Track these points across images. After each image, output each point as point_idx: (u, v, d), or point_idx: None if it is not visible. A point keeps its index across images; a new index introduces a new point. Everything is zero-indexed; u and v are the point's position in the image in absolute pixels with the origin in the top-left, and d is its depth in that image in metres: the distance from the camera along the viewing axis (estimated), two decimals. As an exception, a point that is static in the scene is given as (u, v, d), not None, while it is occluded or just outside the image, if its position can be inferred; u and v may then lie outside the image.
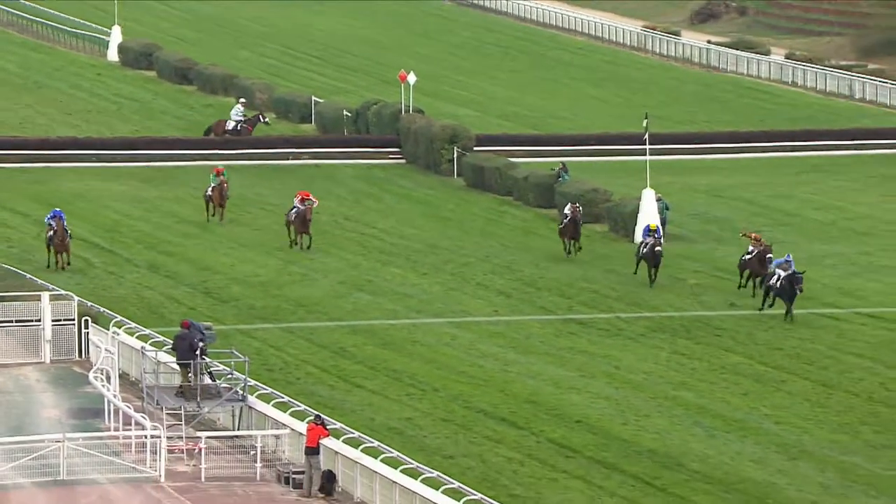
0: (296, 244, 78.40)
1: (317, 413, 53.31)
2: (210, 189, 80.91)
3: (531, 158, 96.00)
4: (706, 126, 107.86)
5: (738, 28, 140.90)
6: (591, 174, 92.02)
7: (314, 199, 78.18)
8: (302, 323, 68.74)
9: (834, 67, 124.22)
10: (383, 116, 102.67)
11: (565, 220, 77.77)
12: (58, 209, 74.44)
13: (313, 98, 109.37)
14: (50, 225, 72.76)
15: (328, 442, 51.73)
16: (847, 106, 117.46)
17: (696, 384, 61.28)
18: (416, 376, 61.69)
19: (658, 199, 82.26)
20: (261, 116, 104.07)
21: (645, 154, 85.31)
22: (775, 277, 67.40)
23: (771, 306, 67.80)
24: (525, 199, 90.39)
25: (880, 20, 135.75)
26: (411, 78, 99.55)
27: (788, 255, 68.28)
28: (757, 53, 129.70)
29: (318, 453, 51.45)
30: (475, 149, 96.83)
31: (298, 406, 54.80)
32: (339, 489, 51.36)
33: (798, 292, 67.09)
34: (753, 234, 72.39)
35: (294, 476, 52.01)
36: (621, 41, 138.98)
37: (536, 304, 71.51)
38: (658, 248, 70.94)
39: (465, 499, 46.96)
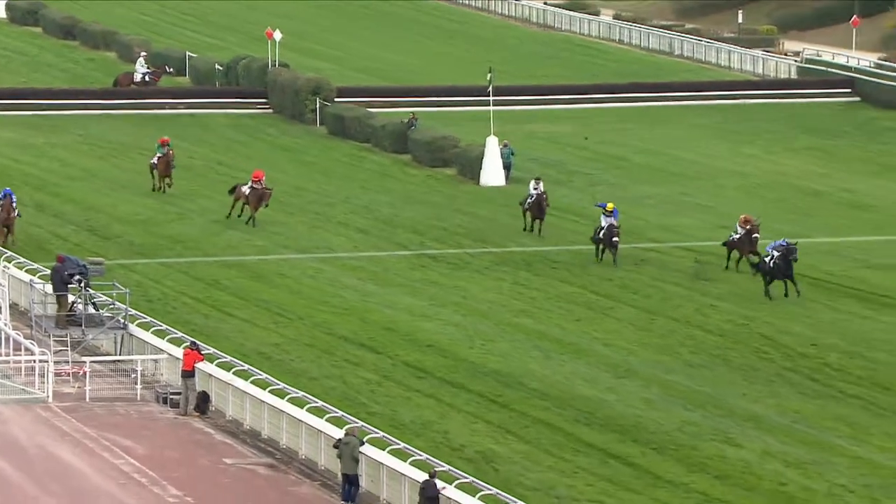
0: (160, 188, 78.37)
1: (192, 340, 53.52)
2: (156, 158, 77.20)
3: (387, 108, 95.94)
4: (544, 80, 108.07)
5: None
6: (441, 123, 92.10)
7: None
8: (179, 258, 68.67)
9: (656, 27, 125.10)
10: (252, 70, 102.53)
11: (530, 201, 72.31)
12: (8, 188, 69.05)
13: (188, 53, 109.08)
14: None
15: (202, 366, 51.92)
16: (668, 62, 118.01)
17: (535, 312, 61.70)
18: (283, 306, 61.93)
19: (504, 146, 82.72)
20: (166, 67, 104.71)
21: (489, 105, 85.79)
22: (769, 258, 62.49)
23: (767, 289, 62.70)
24: (381, 145, 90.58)
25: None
26: (277, 35, 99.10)
27: (785, 240, 63.00)
28: (588, 14, 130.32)
29: (193, 376, 51.68)
30: (336, 100, 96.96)
31: (175, 333, 54.97)
32: (213, 408, 51.60)
33: (794, 261, 62.11)
34: (744, 217, 67.03)
35: (171, 396, 52.27)
36: (468, 3, 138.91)
37: (392, 240, 71.68)
38: (615, 239, 66.65)
39: (327, 416, 47.23)
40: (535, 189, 71.94)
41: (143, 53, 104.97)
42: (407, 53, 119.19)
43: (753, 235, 65.35)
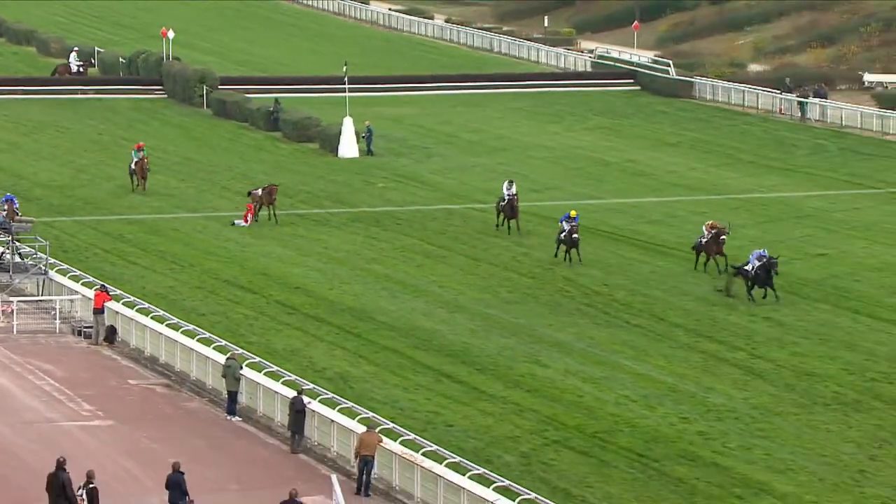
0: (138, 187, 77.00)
1: (102, 283, 53.26)
2: (133, 163, 71.86)
3: (261, 94, 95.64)
4: (388, 71, 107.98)
5: (414, 2, 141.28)
6: (306, 106, 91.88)
7: None
8: (90, 216, 68.04)
9: (479, 29, 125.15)
10: (150, 62, 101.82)
11: (503, 203, 64.94)
12: (10, 194, 61.87)
13: (96, 48, 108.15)
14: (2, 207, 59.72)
15: (110, 304, 51.65)
16: (488, 57, 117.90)
17: (383, 259, 61.69)
18: (177, 256, 61.56)
19: (367, 126, 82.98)
20: (91, 59, 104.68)
21: (345, 91, 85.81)
22: (749, 266, 55.16)
23: (750, 293, 55.35)
24: (256, 125, 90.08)
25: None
26: (170, 34, 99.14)
27: (763, 250, 55.51)
28: (424, 18, 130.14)
29: (103, 313, 51.39)
30: (219, 87, 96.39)
31: (88, 278, 54.60)
32: (119, 339, 51.34)
33: (774, 275, 55.05)
34: (710, 223, 59.79)
35: (85, 329, 51.99)
36: (326, 8, 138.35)
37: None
38: (575, 236, 59.45)
39: (213, 345, 47.18)
40: (508, 191, 64.87)
41: (76, 49, 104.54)
42: (277, 49, 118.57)
43: (721, 237, 58.47)
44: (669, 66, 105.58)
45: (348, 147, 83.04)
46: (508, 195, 64.24)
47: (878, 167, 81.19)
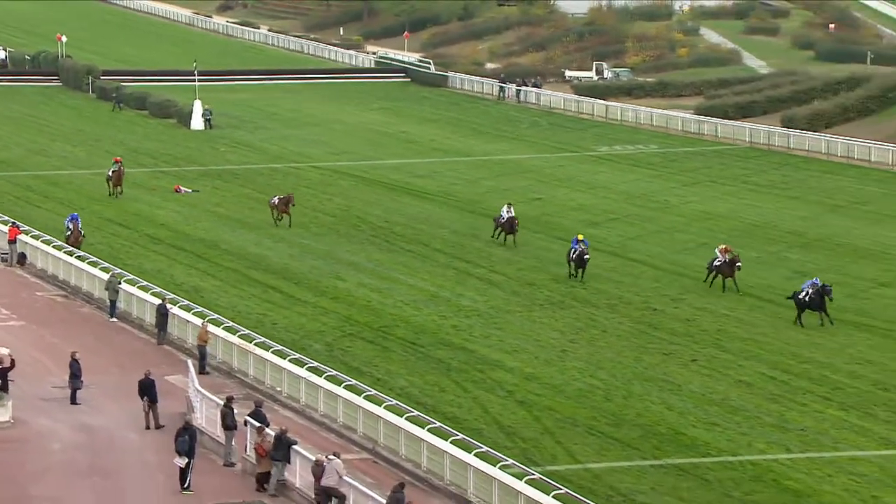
0: (113, 195, 74.74)
1: (14, 220, 51.96)
2: (111, 172, 61.47)
3: (133, 83, 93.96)
4: (227, 66, 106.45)
5: (245, 14, 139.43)
6: (167, 92, 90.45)
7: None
8: (5, 172, 66.42)
9: (293, 36, 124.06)
10: (48, 59, 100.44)
11: (502, 221, 53.70)
12: (75, 213, 52.41)
13: (7, 48, 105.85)
14: (68, 227, 50.78)
15: (21, 237, 50.41)
16: (301, 57, 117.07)
17: (225, 204, 60.83)
18: (71, 202, 59.80)
19: (207, 109, 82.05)
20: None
21: (195, 81, 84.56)
22: (803, 293, 43.52)
23: (800, 318, 43.52)
24: (129, 105, 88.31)
25: (316, 10, 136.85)
26: (64, 38, 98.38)
27: (816, 279, 44.22)
28: (253, 28, 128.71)
29: (15, 243, 50.09)
30: (102, 77, 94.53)
31: (4, 217, 53.30)
32: (29, 263, 50.03)
33: (829, 300, 43.58)
34: (724, 246, 48.36)
35: (1, 255, 50.55)
36: (181, 20, 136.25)
37: (137, 162, 69.66)
38: (586, 256, 48.16)
39: (100, 266, 46.26)
40: (508, 212, 53.78)
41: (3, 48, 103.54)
42: (145, 50, 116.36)
43: (737, 264, 47.02)
44: (430, 64, 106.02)
45: (197, 122, 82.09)
46: (508, 215, 53.47)
47: (575, 137, 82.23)
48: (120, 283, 43.95)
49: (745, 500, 29.78)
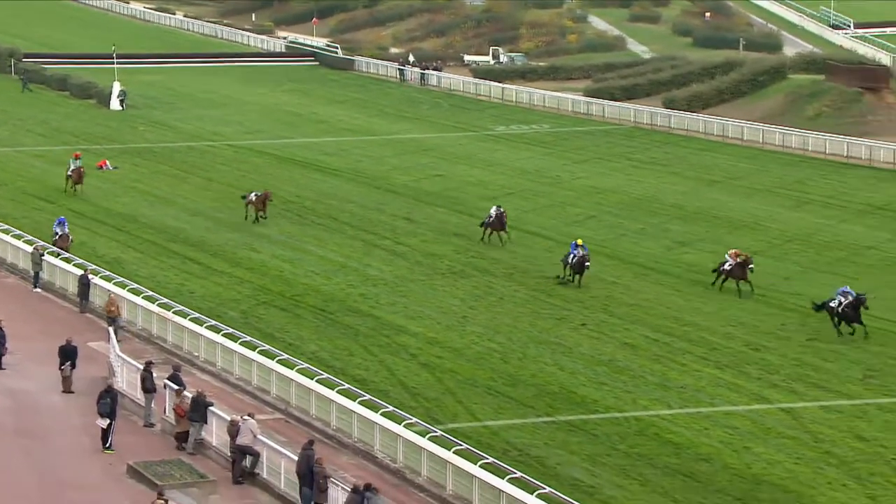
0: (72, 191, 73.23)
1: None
2: (70, 170, 56.30)
3: (54, 66, 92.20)
4: (144, 50, 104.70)
5: (162, 2, 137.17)
6: (87, 73, 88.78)
7: None
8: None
9: (207, 21, 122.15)
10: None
11: (491, 219, 49.71)
12: (62, 217, 47.57)
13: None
14: (55, 232, 46.25)
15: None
16: (215, 41, 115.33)
17: (144, 179, 60.10)
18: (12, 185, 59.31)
19: (122, 90, 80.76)
20: None
21: (114, 64, 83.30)
22: (836, 302, 39.04)
23: (838, 327, 39.02)
24: (50, 86, 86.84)
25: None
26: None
27: (846, 287, 39.60)
28: (170, 14, 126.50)
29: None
30: (24, 59, 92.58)
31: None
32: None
33: (864, 310, 38.75)
34: (735, 251, 43.91)
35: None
36: (100, 6, 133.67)
37: (59, 140, 69.10)
38: (587, 263, 43.61)
39: (24, 238, 45.46)
40: (497, 211, 49.84)
41: None
42: (66, 35, 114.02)
43: (749, 266, 42.99)
44: (338, 48, 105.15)
45: (116, 103, 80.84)
46: (496, 213, 49.71)
47: (474, 118, 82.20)
48: (43, 255, 43.18)
49: (630, 452, 30.06)
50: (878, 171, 65.10)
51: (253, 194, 52.15)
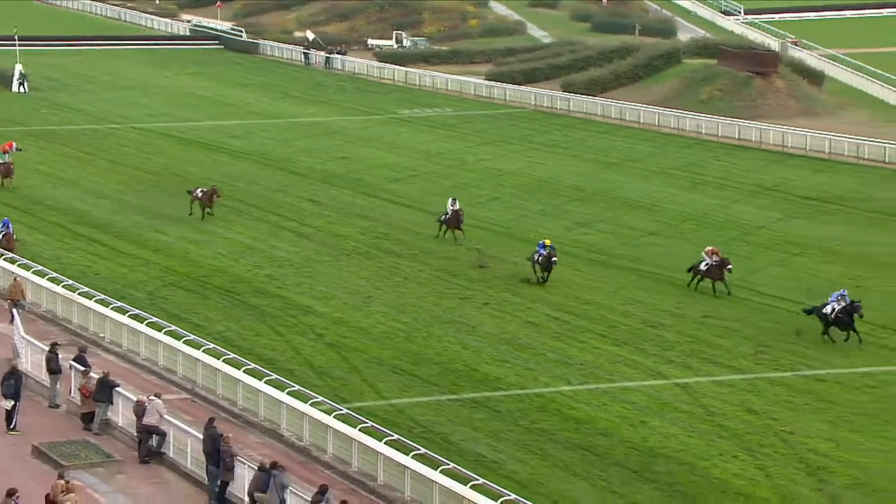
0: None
1: None
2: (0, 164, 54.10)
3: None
4: (49, 32, 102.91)
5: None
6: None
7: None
8: None
9: (111, 4, 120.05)
10: None
11: (447, 216, 47.47)
12: (6, 218, 44.33)
13: None
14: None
15: None
16: (120, 24, 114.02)
17: (48, 162, 59.13)
18: None
19: (21, 72, 79.18)
20: None
21: (16, 46, 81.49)
22: (829, 308, 36.88)
23: (827, 333, 36.93)
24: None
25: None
26: None
27: (844, 290, 37.69)
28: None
29: None
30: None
31: None
32: None
33: (859, 317, 36.72)
34: (711, 248, 41.99)
35: None
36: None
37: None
38: (554, 259, 41.99)
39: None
40: (452, 206, 47.60)
41: None
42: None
43: (727, 267, 40.96)
44: (242, 32, 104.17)
45: (16, 85, 79.44)
46: (452, 209, 47.54)
47: (378, 101, 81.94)
48: (-48, 239, 42.23)
49: (532, 428, 30.22)
50: (767, 154, 66.09)
51: (199, 190, 49.66)
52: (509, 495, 24.52)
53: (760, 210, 53.61)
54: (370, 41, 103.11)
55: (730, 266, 40.88)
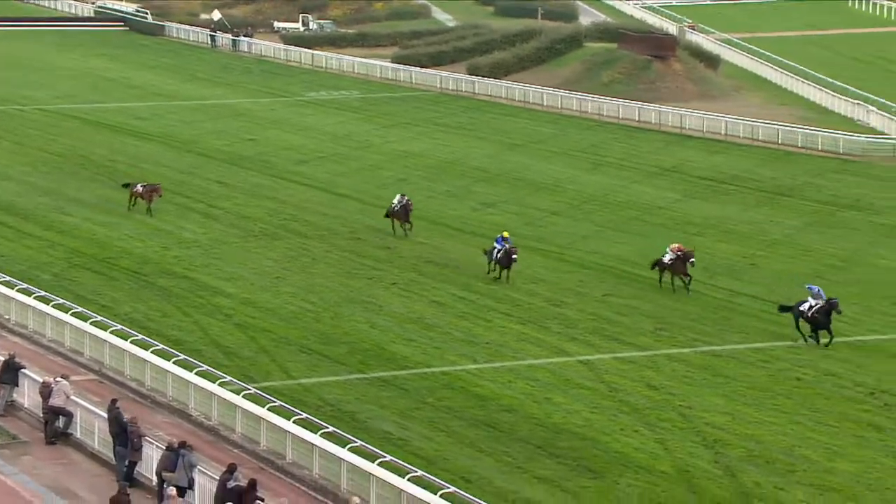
0: None
1: None
2: None
3: None
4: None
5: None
6: None
7: None
8: None
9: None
10: None
11: (395, 208, 45.18)
12: None
13: None
14: None
15: None
16: (23, 6, 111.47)
17: (17, 166, 58.21)
18: None
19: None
20: None
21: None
22: (806, 306, 34.83)
23: (800, 330, 35.08)
24: None
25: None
26: None
27: (817, 288, 35.39)
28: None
29: None
30: None
31: None
32: None
33: (837, 314, 34.69)
34: (677, 245, 39.97)
35: None
36: None
37: None
38: (514, 255, 39.87)
39: None
40: (401, 201, 45.35)
41: None
42: None
43: (690, 260, 39.35)
44: (147, 14, 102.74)
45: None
46: (402, 202, 45.27)
47: (285, 83, 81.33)
48: None
49: (438, 406, 30.24)
50: (666, 135, 66.76)
51: (140, 185, 47.27)
52: (416, 471, 24.51)
53: (660, 190, 54.16)
54: (276, 24, 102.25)
55: (692, 259, 39.29)
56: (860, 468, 27.03)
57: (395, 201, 45.47)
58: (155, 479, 24.91)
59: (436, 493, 23.57)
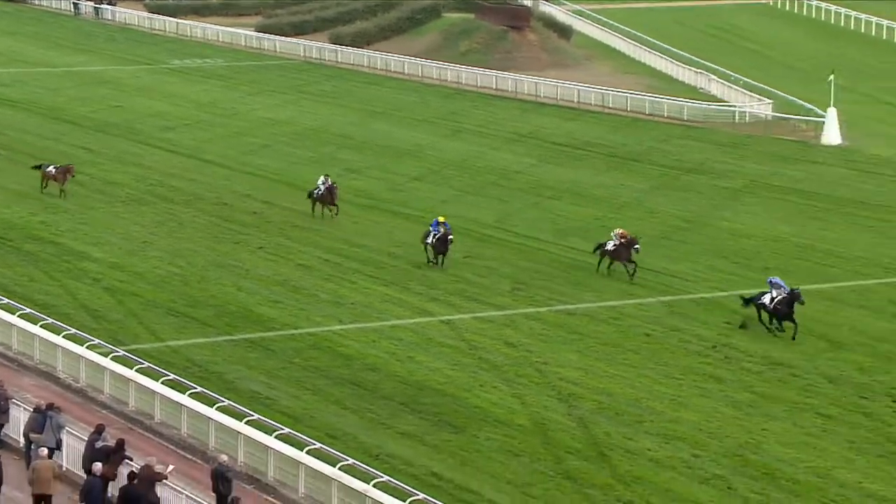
0: None
1: None
2: None
3: None
4: None
5: None
6: None
7: None
8: None
9: None
10: None
11: (320, 192, 42.79)
12: None
13: None
14: None
15: None
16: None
17: None
18: None
19: None
20: None
21: None
22: (768, 298, 33.20)
23: (765, 322, 33.39)
24: None
25: None
26: None
27: (777, 279, 33.80)
28: None
29: None
30: None
31: None
32: None
33: (800, 304, 32.82)
34: (621, 231, 37.76)
35: None
36: None
37: None
38: (450, 237, 37.76)
39: None
40: (324, 183, 42.91)
41: None
42: None
43: (635, 246, 37.32)
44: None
45: None
46: (324, 186, 42.86)
47: (150, 51, 79.77)
48: None
49: (305, 365, 30.29)
50: (522, 103, 67.37)
51: (52, 167, 44.33)
52: (283, 429, 24.56)
53: (517, 156, 54.72)
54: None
55: (637, 246, 37.38)
56: (702, 417, 27.88)
57: (319, 182, 42.97)
58: (22, 440, 24.51)
59: (302, 450, 23.67)
